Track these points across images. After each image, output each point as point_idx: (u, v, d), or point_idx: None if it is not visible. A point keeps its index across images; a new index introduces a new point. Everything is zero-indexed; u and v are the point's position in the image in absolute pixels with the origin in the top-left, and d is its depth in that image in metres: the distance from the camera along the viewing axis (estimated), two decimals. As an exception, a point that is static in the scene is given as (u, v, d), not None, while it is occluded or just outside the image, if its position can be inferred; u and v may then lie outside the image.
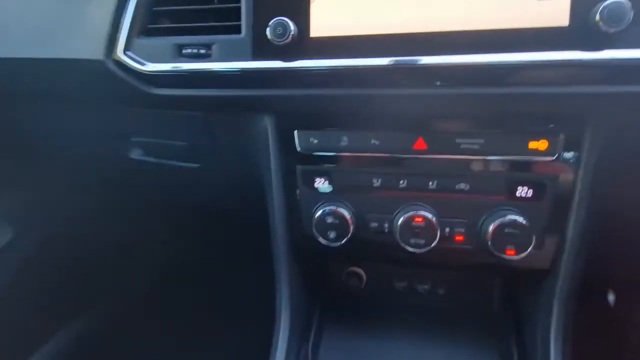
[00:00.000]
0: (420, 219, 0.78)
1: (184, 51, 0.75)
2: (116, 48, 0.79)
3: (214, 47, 0.74)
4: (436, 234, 0.77)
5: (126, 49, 0.78)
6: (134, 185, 1.37)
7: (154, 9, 0.77)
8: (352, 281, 1.11)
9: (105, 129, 1.04)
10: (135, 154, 1.11)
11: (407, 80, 0.70)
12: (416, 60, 0.67)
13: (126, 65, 0.79)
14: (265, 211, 0.93)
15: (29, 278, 1.26)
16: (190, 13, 0.76)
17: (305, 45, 0.70)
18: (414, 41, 0.67)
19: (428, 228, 0.77)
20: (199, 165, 1.06)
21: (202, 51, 0.74)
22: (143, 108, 0.88)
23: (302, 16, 0.69)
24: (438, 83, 0.69)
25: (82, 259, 1.41)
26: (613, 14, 0.54)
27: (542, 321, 0.84)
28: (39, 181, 1.33)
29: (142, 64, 0.77)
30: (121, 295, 1.56)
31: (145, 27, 0.78)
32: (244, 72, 0.73)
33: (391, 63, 0.68)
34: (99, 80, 0.84)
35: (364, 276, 1.11)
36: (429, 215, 0.78)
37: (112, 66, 0.80)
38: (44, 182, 1.34)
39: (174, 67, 0.76)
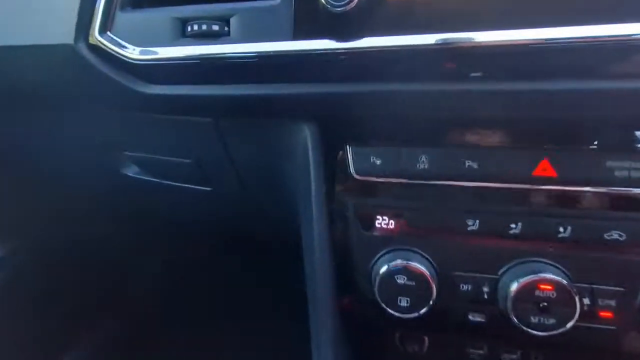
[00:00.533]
0: (548, 286, 0.50)
1: (188, 28, 0.49)
2: (92, 27, 0.54)
3: (233, 20, 0.48)
4: (575, 309, 0.50)
5: (106, 27, 0.53)
6: (131, 208, 1.13)
7: None
8: (411, 346, 0.83)
9: (89, 140, 0.80)
10: (131, 171, 0.87)
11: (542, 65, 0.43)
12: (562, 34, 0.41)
13: (106, 52, 0.54)
14: (302, 255, 0.67)
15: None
16: None
17: (379, 12, 0.44)
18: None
19: (562, 299, 0.50)
20: (210, 189, 0.80)
21: (216, 27, 0.48)
22: (134, 112, 0.62)
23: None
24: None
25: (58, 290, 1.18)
26: None
27: None
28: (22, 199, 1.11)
29: (127, 49, 0.52)
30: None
31: None
32: (281, 57, 0.47)
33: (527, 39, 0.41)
34: (72, 73, 0.59)
35: (426, 339, 0.83)
36: (562, 280, 0.50)
37: (86, 53, 0.55)
38: (26, 200, 1.11)
39: (173, 54, 0.50)
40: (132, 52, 0.51)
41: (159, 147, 0.75)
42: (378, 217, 0.57)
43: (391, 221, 0.57)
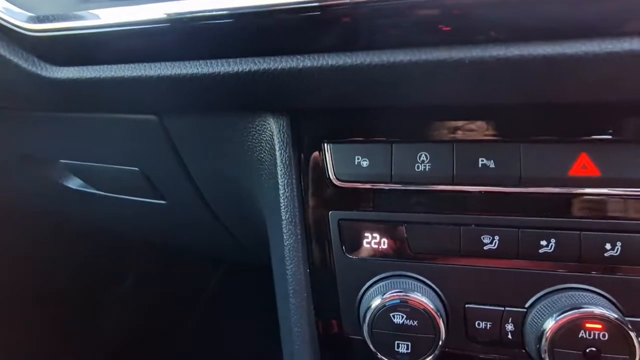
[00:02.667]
0: (597, 324, 0.37)
1: (100, -17, 0.36)
2: None
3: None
4: (634, 356, 0.37)
5: None
6: (87, 225, 0.98)
7: None
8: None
9: (13, 149, 0.65)
10: (73, 183, 0.72)
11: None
12: None
13: None
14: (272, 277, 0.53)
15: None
16: None
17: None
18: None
19: (616, 341, 0.37)
20: (165, 202, 0.66)
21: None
22: (43, 110, 0.48)
23: None
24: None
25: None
26: None
27: None
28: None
29: (19, 17, 0.38)
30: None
31: None
32: (234, 17, 0.34)
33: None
34: None
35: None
36: (612, 315, 0.37)
37: None
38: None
39: (80, 22, 0.37)
40: (26, 21, 0.38)
41: (99, 154, 0.61)
42: (367, 234, 0.44)
43: (383, 240, 0.44)
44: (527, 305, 0.41)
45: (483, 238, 0.41)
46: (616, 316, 0.37)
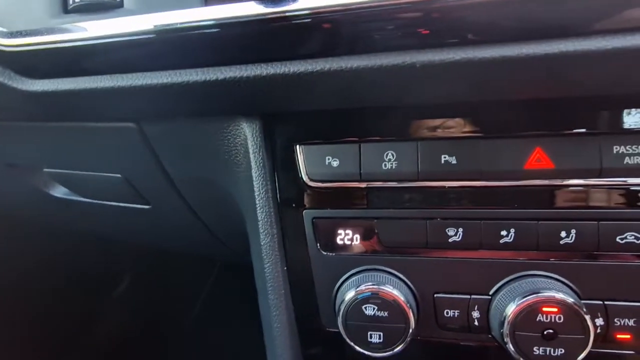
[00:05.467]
0: (553, 308, 0.39)
1: (70, 0, 0.38)
2: None
3: (126, -15, 0.37)
4: (588, 336, 0.39)
5: None
6: (68, 229, 0.98)
7: None
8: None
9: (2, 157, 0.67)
10: (58, 192, 0.73)
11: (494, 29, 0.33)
12: None
13: None
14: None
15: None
16: None
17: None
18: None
19: (571, 323, 0.39)
20: (149, 206, 0.68)
21: (105, -4, 0.36)
22: (24, 121, 0.50)
23: None
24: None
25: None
26: None
27: None
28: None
29: (-5, 33, 0.40)
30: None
31: None
32: (193, 31, 0.36)
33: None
34: None
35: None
36: (568, 298, 0.39)
37: None
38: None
39: (55, 36, 0.38)
40: (2, 36, 0.39)
41: (81, 162, 0.63)
42: (340, 231, 0.46)
43: (356, 236, 0.46)
44: (491, 293, 0.43)
45: (448, 230, 0.44)
46: (571, 299, 0.39)
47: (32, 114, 0.47)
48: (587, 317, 0.39)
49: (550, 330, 0.39)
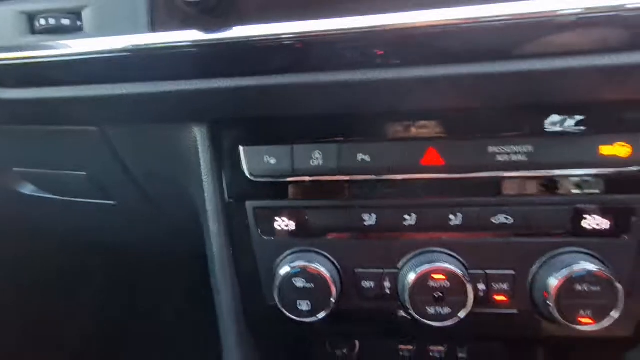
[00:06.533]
0: (441, 275, 0.49)
1: (37, 23, 0.45)
2: None
3: (85, 13, 0.44)
4: (467, 298, 0.49)
5: None
6: (39, 228, 1.02)
7: None
8: (340, 349, 0.81)
9: None
10: (27, 189, 0.78)
11: (401, 55, 0.43)
12: (411, 18, 0.40)
13: None
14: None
15: None
16: None
17: (234, 2, 0.41)
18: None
19: (455, 288, 0.49)
20: (113, 202, 0.74)
21: (66, 21, 0.44)
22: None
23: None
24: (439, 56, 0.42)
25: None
26: None
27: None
28: None
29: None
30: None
31: None
32: (140, 53, 0.44)
33: (380, 23, 0.40)
34: None
35: (356, 342, 0.81)
36: (454, 268, 0.49)
37: None
38: None
39: (22, 53, 0.45)
40: (-24, 53, 0.46)
41: (48, 161, 0.69)
42: (277, 219, 0.55)
43: (290, 222, 0.55)
44: (399, 266, 0.53)
45: (364, 216, 0.53)
46: (455, 269, 0.49)
47: (3, 118, 0.53)
48: (468, 284, 0.49)
49: (440, 294, 0.49)
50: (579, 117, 0.48)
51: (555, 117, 0.49)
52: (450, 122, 0.51)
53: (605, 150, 0.48)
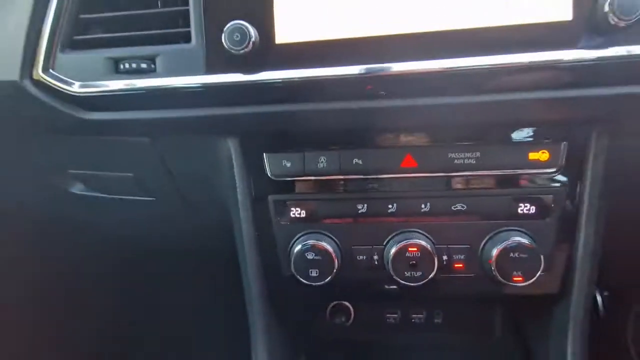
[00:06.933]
0: (414, 248, 0.67)
1: (120, 66, 0.61)
2: (35, 65, 0.63)
3: (158, 59, 0.61)
4: (433, 264, 0.67)
5: (48, 66, 0.63)
6: (84, 223, 1.18)
7: (82, 16, 0.63)
8: (338, 318, 0.98)
9: (35, 161, 0.87)
10: (76, 189, 0.94)
11: (387, 91, 0.60)
12: (395, 67, 0.58)
13: (49, 86, 0.64)
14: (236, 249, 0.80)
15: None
16: (128, 20, 0.62)
17: (269, 53, 0.58)
18: (394, 45, 0.57)
19: (424, 257, 0.67)
20: (154, 198, 0.90)
21: (144, 65, 0.60)
22: (77, 136, 0.72)
23: (264, 19, 0.58)
24: (420, 92, 0.60)
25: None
26: (624, 4, 0.47)
27: (555, 350, 0.75)
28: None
29: (70, 84, 0.62)
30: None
31: (71, 38, 0.63)
32: (197, 89, 0.60)
33: (369, 71, 0.58)
34: (18, 105, 0.68)
35: (352, 310, 0.99)
36: (424, 243, 0.67)
37: (31, 88, 0.64)
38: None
39: (109, 87, 0.62)
40: (73, 87, 0.62)
41: (100, 165, 0.84)
42: (292, 209, 0.72)
43: (302, 211, 0.72)
44: (384, 243, 0.70)
45: (357, 206, 0.70)
46: (425, 244, 0.67)
47: (86, 131, 0.70)
48: (435, 255, 0.67)
49: (414, 262, 0.67)
50: (514, 132, 0.67)
51: (497, 132, 0.67)
52: (422, 135, 0.68)
53: (533, 156, 0.66)
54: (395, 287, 0.71)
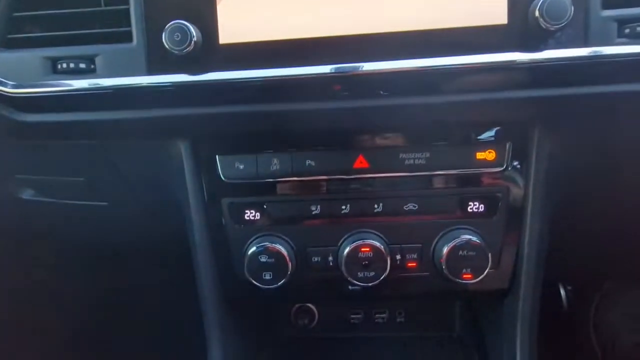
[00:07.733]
0: (367, 248, 0.67)
1: (58, 66, 0.59)
2: None
3: (98, 59, 0.59)
4: (386, 264, 0.68)
5: None
6: (36, 230, 1.13)
7: (15, 14, 0.60)
8: (302, 320, 0.98)
9: None
10: (27, 194, 0.90)
11: (333, 91, 0.60)
12: (339, 68, 0.58)
13: None
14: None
15: None
16: (66, 18, 0.60)
17: (212, 53, 0.57)
18: (339, 45, 0.57)
19: (377, 257, 0.67)
20: (107, 203, 0.87)
21: (83, 65, 0.58)
22: (17, 140, 0.69)
23: (207, 19, 0.57)
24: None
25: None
26: (553, 9, 0.49)
27: (506, 343, 0.77)
28: None
29: (4, 85, 0.60)
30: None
31: (5, 37, 0.60)
32: (138, 89, 0.59)
33: (314, 72, 0.57)
34: None
35: (315, 312, 0.99)
36: (377, 243, 0.68)
37: None
38: None
39: (45, 88, 0.59)
40: (8, 87, 0.59)
41: (48, 169, 0.81)
42: (246, 211, 0.71)
43: (256, 213, 0.71)
44: (338, 244, 0.70)
45: (311, 207, 0.70)
46: (377, 244, 0.67)
47: (22, 135, 0.67)
48: (387, 255, 0.67)
49: (366, 262, 0.67)
50: (462, 133, 0.68)
51: (446, 133, 0.68)
52: (374, 136, 0.69)
53: (480, 155, 0.68)
54: (353, 287, 0.71)
